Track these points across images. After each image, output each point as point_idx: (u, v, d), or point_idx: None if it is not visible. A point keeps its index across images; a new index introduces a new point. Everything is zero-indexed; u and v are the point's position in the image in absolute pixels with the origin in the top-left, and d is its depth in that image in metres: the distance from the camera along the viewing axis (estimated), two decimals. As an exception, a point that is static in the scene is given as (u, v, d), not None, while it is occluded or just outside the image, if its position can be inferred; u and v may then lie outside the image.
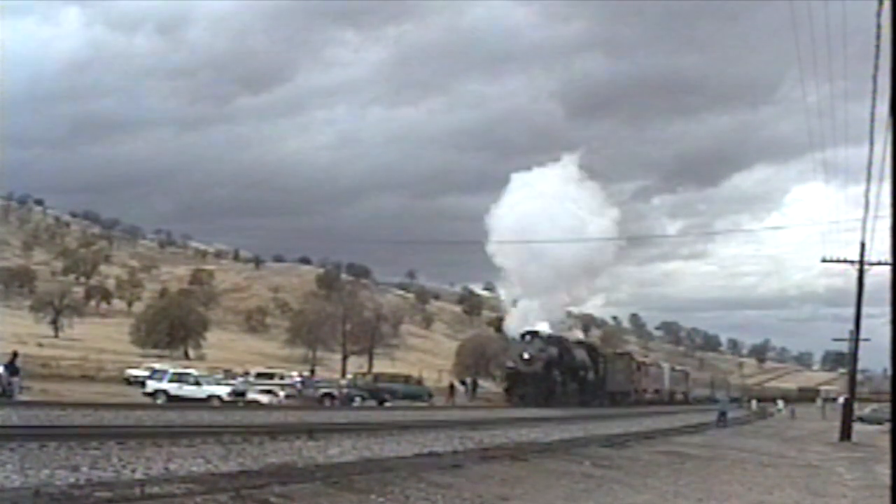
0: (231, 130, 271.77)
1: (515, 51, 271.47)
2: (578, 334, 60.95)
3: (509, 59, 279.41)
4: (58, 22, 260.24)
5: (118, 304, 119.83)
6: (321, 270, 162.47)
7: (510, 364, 45.91)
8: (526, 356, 44.57)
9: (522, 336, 47.22)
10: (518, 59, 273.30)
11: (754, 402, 74.53)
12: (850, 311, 33.65)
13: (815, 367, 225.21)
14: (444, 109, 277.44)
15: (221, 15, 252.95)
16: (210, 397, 30.88)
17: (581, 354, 51.35)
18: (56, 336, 78.27)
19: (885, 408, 44.26)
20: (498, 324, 57.78)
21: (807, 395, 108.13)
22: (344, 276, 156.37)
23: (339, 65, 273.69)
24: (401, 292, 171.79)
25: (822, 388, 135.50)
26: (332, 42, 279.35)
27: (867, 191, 23.29)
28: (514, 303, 54.96)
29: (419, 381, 50.67)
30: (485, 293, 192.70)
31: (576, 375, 49.19)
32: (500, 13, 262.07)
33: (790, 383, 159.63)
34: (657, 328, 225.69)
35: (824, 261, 33.78)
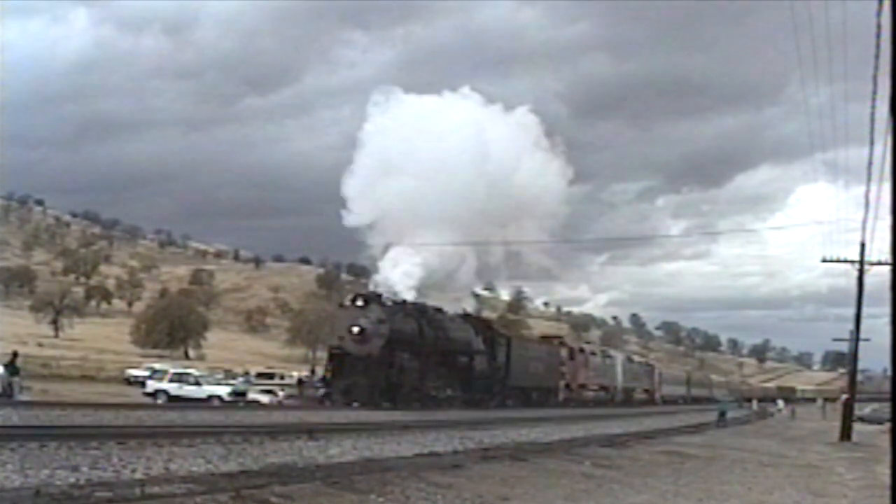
0: (237, 131, 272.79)
1: (522, 52, 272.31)
2: (466, 306, 40.27)
3: (516, 59, 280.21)
4: (67, 22, 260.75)
5: (118, 304, 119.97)
6: (321, 270, 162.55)
7: (334, 344, 30.65)
8: (356, 330, 29.16)
9: (353, 300, 31.06)
10: (524, 59, 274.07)
11: (755, 402, 74.10)
12: (852, 312, 33.68)
13: (816, 366, 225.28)
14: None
15: (229, 16, 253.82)
16: (210, 397, 30.91)
17: (463, 333, 35.71)
18: (56, 336, 78.37)
19: (885, 407, 44.26)
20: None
21: (784, 395, 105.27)
22: (344, 276, 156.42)
23: (347, 65, 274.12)
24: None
25: (800, 386, 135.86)
26: (339, 43, 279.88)
27: (867, 191, 23.32)
28: (385, 250, 35.77)
29: None
30: (485, 293, 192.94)
31: (454, 363, 34.44)
32: (507, 14, 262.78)
33: (791, 383, 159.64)
34: (657, 328, 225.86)
35: (824, 261, 33.81)
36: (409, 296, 33.60)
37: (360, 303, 30.35)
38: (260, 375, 44.83)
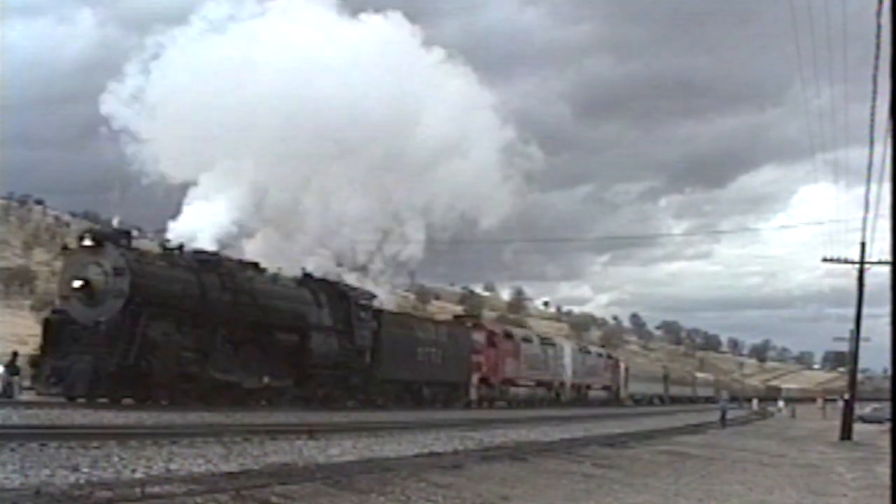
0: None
1: (526, 53, 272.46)
2: (307, 266, 28.00)
3: (520, 60, 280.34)
4: (73, 22, 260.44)
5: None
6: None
7: (57, 307, 21.35)
8: (78, 284, 19.95)
9: (81, 240, 20.92)
10: (529, 60, 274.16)
11: (755, 402, 73.70)
12: (853, 311, 33.74)
13: (816, 366, 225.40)
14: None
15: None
16: None
17: (292, 300, 25.10)
18: (56, 336, 78.20)
19: (886, 407, 44.27)
20: None
21: (770, 395, 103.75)
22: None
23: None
24: (401, 292, 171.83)
25: (784, 386, 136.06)
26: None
27: (867, 191, 23.36)
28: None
29: None
30: (485, 293, 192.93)
31: (272, 342, 23.70)
32: (511, 15, 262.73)
33: (791, 383, 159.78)
34: (657, 328, 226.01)
35: (825, 260, 33.86)
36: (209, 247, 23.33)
37: (88, 243, 20.37)
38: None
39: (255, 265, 24.65)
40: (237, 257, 24.69)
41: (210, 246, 23.48)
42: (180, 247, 22.71)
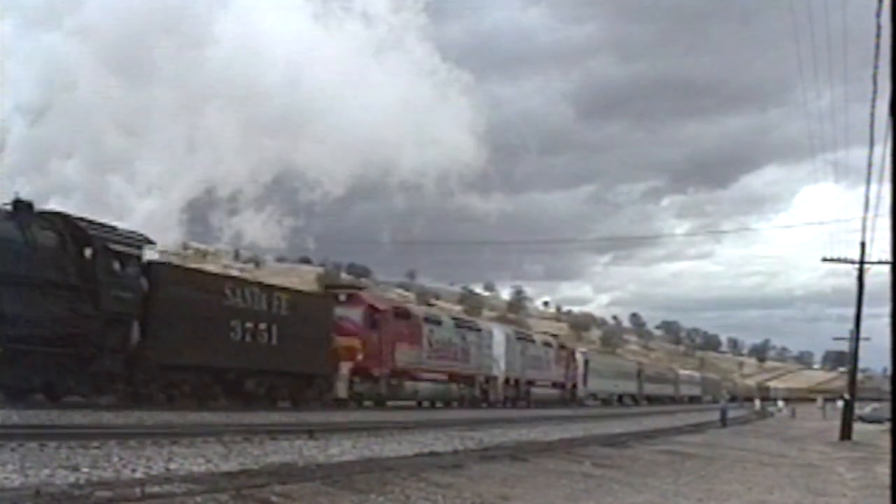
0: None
1: (531, 53, 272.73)
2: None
3: (525, 61, 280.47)
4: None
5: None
6: (321, 270, 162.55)
7: None
8: None
9: None
10: (533, 61, 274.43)
11: (757, 401, 73.32)
12: (854, 311, 33.77)
13: (816, 366, 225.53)
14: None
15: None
16: None
17: None
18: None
19: (886, 407, 44.29)
20: None
21: (762, 394, 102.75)
22: (344, 275, 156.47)
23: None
24: (401, 292, 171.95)
25: (772, 385, 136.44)
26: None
27: (867, 191, 23.39)
28: None
29: None
30: (485, 293, 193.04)
31: None
32: (516, 16, 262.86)
33: (791, 383, 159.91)
34: (657, 328, 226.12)
35: (824, 260, 33.91)
36: None
37: None
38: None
39: None
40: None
41: None
42: None
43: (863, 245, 31.74)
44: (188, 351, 20.87)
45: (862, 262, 32.19)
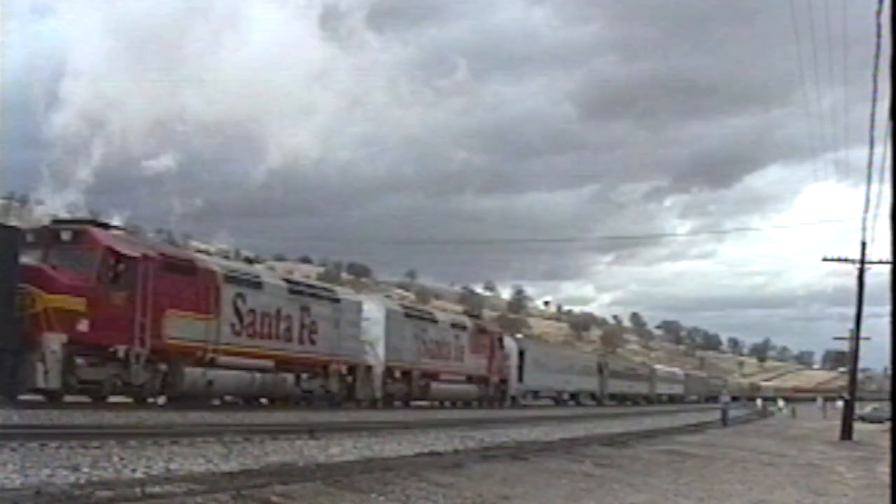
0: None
1: (535, 52, 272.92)
2: None
3: (528, 60, 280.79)
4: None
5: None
6: (322, 270, 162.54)
7: None
8: None
9: None
10: (537, 60, 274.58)
11: (759, 401, 73.24)
12: (854, 311, 33.76)
13: (816, 365, 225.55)
14: (463, 111, 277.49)
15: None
16: None
17: None
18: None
19: (886, 406, 44.28)
20: None
21: (753, 394, 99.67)
22: (344, 275, 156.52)
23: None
24: (401, 292, 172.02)
25: (763, 383, 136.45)
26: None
27: (867, 190, 23.38)
28: None
29: None
30: (485, 293, 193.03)
31: None
32: (519, 16, 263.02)
33: (791, 382, 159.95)
34: (657, 327, 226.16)
35: (825, 259, 33.89)
36: None
37: None
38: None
39: None
40: None
41: None
42: None
43: (863, 245, 31.74)
44: None
45: (862, 262, 32.18)
